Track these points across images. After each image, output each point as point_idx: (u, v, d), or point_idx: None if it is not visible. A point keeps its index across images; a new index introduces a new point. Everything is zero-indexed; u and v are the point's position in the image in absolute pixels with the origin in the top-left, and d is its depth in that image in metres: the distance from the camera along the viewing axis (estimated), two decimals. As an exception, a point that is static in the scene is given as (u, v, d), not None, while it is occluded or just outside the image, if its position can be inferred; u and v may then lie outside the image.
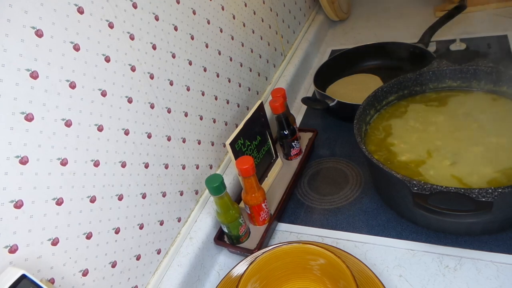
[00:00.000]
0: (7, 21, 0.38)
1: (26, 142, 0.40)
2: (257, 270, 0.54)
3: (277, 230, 0.71)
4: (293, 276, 0.57)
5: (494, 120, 0.65)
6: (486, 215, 0.48)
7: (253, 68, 0.87)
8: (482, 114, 0.67)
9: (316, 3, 1.28)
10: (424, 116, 0.71)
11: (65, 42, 0.44)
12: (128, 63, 0.53)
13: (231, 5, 0.77)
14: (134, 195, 0.54)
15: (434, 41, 1.00)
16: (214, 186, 0.59)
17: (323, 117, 0.94)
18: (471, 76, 0.72)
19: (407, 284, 0.57)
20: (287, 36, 1.07)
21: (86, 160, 0.47)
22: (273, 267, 0.55)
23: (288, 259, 0.55)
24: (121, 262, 0.53)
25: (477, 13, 1.10)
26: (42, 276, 0.42)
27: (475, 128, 0.65)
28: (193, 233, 0.66)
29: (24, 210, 0.40)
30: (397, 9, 1.28)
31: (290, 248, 0.55)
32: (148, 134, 0.57)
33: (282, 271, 0.56)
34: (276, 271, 0.56)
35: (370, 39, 1.10)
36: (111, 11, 0.50)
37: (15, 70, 0.39)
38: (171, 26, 0.61)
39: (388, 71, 0.96)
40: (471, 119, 0.67)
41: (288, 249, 0.55)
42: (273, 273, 0.56)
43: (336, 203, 0.72)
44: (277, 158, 0.79)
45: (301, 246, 0.55)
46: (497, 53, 0.93)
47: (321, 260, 0.54)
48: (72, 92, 0.45)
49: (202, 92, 0.69)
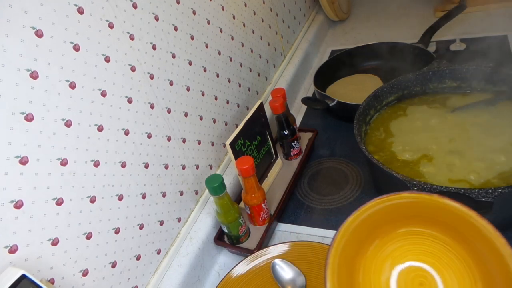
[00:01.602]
0: (7, 21, 0.38)
1: (26, 142, 0.40)
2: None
3: (277, 230, 0.71)
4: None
5: (494, 121, 0.65)
6: (486, 215, 0.48)
7: (253, 68, 0.87)
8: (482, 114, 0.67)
9: (316, 3, 1.28)
10: (424, 116, 0.71)
11: (65, 42, 0.44)
12: (128, 63, 0.53)
13: (231, 5, 0.77)
14: (134, 195, 0.54)
15: (434, 41, 1.00)
16: (214, 186, 0.59)
17: (323, 117, 0.94)
18: (471, 76, 0.71)
19: (407, 284, 0.57)
20: (287, 36, 1.07)
21: (86, 160, 0.47)
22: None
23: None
24: (121, 262, 0.53)
25: (477, 13, 1.10)
26: (42, 276, 0.42)
27: (475, 129, 0.65)
28: (193, 233, 0.66)
29: (24, 210, 0.40)
30: (397, 9, 1.28)
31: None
32: (148, 134, 0.57)
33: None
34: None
35: (370, 39, 1.10)
36: (111, 11, 0.50)
37: (15, 70, 0.39)
38: (171, 26, 0.61)
39: (388, 71, 0.96)
40: (471, 120, 0.67)
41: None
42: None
43: (336, 203, 0.72)
44: (277, 158, 0.79)
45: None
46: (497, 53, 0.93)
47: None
48: (72, 92, 0.45)
49: (202, 92, 0.69)
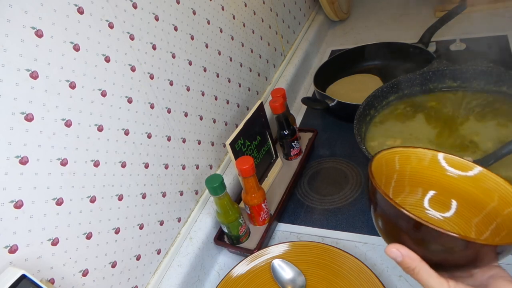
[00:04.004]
0: (7, 21, 0.38)
1: (26, 142, 0.40)
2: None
3: (277, 230, 0.71)
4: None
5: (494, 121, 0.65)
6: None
7: (253, 68, 0.87)
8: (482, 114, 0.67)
9: (316, 3, 1.28)
10: (424, 116, 0.71)
11: (65, 42, 0.44)
12: (128, 63, 0.53)
13: (231, 5, 0.77)
14: (134, 195, 0.54)
15: (434, 41, 1.00)
16: (214, 186, 0.59)
17: (323, 117, 0.94)
18: (471, 76, 0.71)
19: (407, 284, 0.57)
20: (287, 36, 1.07)
21: (86, 160, 0.47)
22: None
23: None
24: (121, 262, 0.53)
25: (477, 13, 1.10)
26: (42, 276, 0.42)
27: (475, 129, 0.65)
28: (193, 233, 0.66)
29: (24, 210, 0.40)
30: (397, 9, 1.28)
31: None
32: (148, 134, 0.57)
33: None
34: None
35: (370, 39, 1.10)
36: (111, 11, 0.50)
37: (15, 70, 0.39)
38: (171, 26, 0.61)
39: (388, 71, 0.96)
40: (471, 120, 0.67)
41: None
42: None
43: (336, 203, 0.72)
44: (277, 158, 0.79)
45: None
46: (497, 53, 0.93)
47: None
48: (72, 92, 0.45)
49: (202, 92, 0.69)
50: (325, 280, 0.58)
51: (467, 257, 0.33)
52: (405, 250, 0.35)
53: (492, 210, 0.40)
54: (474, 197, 0.42)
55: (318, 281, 0.58)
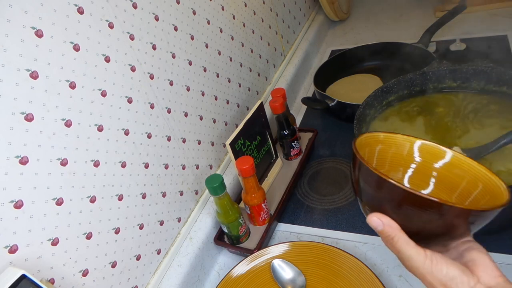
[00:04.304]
0: (7, 21, 0.38)
1: (26, 142, 0.40)
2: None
3: (277, 230, 0.71)
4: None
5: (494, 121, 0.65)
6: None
7: (253, 68, 0.87)
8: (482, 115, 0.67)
9: (316, 3, 1.28)
10: (424, 117, 0.71)
11: (65, 42, 0.44)
12: (128, 63, 0.53)
13: (231, 5, 0.77)
14: (134, 195, 0.54)
15: (434, 41, 1.00)
16: (214, 186, 0.59)
17: (323, 117, 0.94)
18: (471, 76, 0.71)
19: (407, 284, 0.57)
20: (287, 36, 1.07)
21: (86, 160, 0.47)
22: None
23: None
24: (121, 262, 0.53)
25: (477, 13, 1.10)
26: (42, 276, 0.42)
27: (475, 129, 0.65)
28: (193, 233, 0.66)
29: (24, 210, 0.40)
30: (397, 9, 1.28)
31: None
32: (148, 134, 0.57)
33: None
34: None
35: (370, 39, 1.10)
36: (111, 11, 0.50)
37: (15, 70, 0.39)
38: (171, 26, 0.61)
39: (388, 71, 0.96)
40: (472, 120, 0.67)
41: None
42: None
43: (336, 203, 0.72)
44: (277, 158, 0.79)
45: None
46: (497, 53, 0.93)
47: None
48: (72, 92, 0.45)
49: (202, 92, 0.69)
50: (325, 280, 0.58)
51: (442, 224, 0.34)
52: (386, 219, 0.36)
53: (464, 189, 0.43)
54: (449, 179, 0.45)
55: (318, 281, 0.58)
